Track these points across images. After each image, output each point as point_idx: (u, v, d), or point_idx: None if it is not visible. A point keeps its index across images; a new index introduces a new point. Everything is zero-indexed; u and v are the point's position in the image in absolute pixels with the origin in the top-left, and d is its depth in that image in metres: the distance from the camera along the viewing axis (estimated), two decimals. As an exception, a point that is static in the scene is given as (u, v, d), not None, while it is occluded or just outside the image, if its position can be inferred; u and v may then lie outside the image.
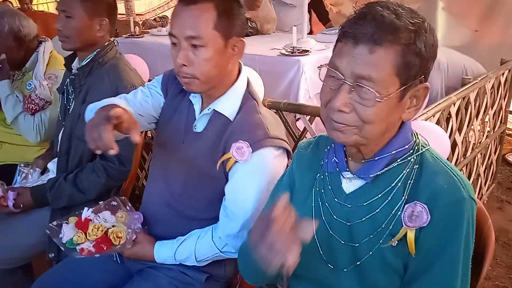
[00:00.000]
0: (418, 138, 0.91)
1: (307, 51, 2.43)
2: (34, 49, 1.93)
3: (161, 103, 1.33)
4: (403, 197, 0.86)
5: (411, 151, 0.88)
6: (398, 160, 0.88)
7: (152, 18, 5.36)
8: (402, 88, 0.81)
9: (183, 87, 1.19)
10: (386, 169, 0.88)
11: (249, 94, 1.24)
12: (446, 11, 3.76)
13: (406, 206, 0.84)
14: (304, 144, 1.08)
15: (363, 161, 0.90)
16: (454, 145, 2.10)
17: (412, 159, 0.87)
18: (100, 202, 1.27)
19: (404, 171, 0.87)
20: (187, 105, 1.28)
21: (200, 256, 1.23)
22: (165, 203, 1.29)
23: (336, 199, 0.94)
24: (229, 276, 1.34)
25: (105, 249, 1.20)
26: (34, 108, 1.86)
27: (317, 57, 2.40)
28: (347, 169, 0.92)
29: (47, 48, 1.95)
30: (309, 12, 3.55)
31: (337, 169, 0.94)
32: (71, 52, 1.64)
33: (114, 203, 1.27)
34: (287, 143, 1.22)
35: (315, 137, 1.08)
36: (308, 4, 2.92)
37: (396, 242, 0.85)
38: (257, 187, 1.17)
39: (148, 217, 1.33)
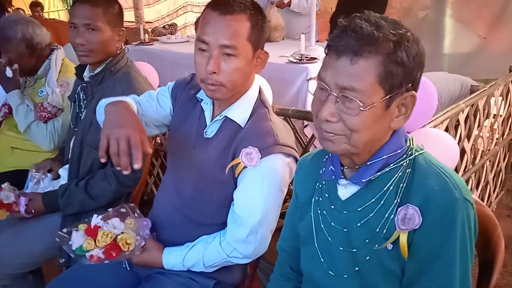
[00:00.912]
0: (412, 143, 0.92)
1: (315, 58, 2.44)
2: (46, 57, 1.96)
3: (167, 109, 1.35)
4: (396, 201, 0.87)
5: (404, 156, 0.90)
6: (391, 165, 0.89)
7: (161, 26, 5.43)
8: (387, 97, 0.83)
9: (206, 94, 1.20)
10: (379, 173, 0.89)
11: (261, 102, 1.26)
12: (454, 18, 3.76)
13: (399, 209, 0.86)
14: (303, 158, 1.11)
15: (357, 167, 0.92)
16: (462, 153, 2.09)
17: (404, 163, 0.89)
18: (109, 209, 1.28)
19: (396, 175, 0.88)
20: (198, 112, 1.30)
21: (208, 262, 1.24)
22: (175, 208, 1.31)
23: (333, 206, 0.96)
24: (236, 282, 1.35)
25: (114, 255, 1.21)
26: (47, 116, 1.89)
27: (324, 64, 2.41)
28: (343, 176, 0.94)
29: (59, 55, 1.98)
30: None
31: (333, 177, 0.96)
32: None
33: (123, 210, 1.28)
34: (296, 151, 1.23)
35: (314, 150, 1.10)
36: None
37: (391, 245, 0.86)
38: (265, 193, 1.18)
39: (158, 222, 1.34)
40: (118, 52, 1.61)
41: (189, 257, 1.24)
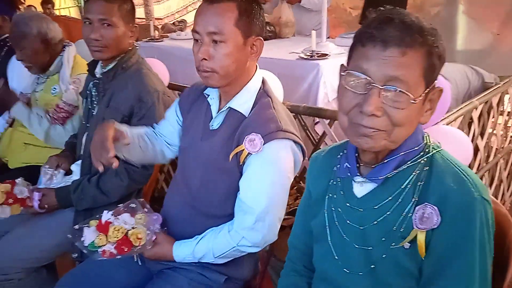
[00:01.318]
0: (429, 140, 0.91)
1: (326, 55, 2.43)
2: (58, 53, 1.97)
3: (175, 123, 1.41)
4: (413, 199, 0.86)
5: (422, 153, 0.88)
6: (408, 162, 0.88)
7: (171, 22, 5.42)
8: (426, 91, 0.82)
9: (203, 82, 1.26)
10: (396, 171, 0.88)
11: (264, 92, 1.27)
12: (467, 15, 3.71)
13: (417, 208, 0.84)
14: (316, 155, 1.10)
15: (373, 166, 0.90)
16: (476, 150, 2.07)
17: (422, 161, 0.88)
18: (120, 205, 1.29)
19: (414, 173, 0.87)
20: (205, 107, 1.32)
21: (217, 251, 1.23)
22: (184, 202, 1.32)
23: (348, 204, 0.95)
24: (247, 278, 1.35)
25: (126, 250, 1.22)
26: (65, 115, 1.91)
27: (336, 61, 2.40)
28: (359, 173, 0.93)
29: (71, 52, 1.99)
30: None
31: (349, 174, 0.94)
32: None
33: (133, 205, 1.29)
34: (299, 138, 1.24)
35: (327, 147, 1.09)
36: None
37: (408, 244, 0.85)
38: (270, 179, 1.19)
39: (169, 217, 1.35)
40: (130, 48, 1.62)
41: (199, 248, 1.25)
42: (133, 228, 1.24)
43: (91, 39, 1.51)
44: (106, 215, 1.25)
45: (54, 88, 1.98)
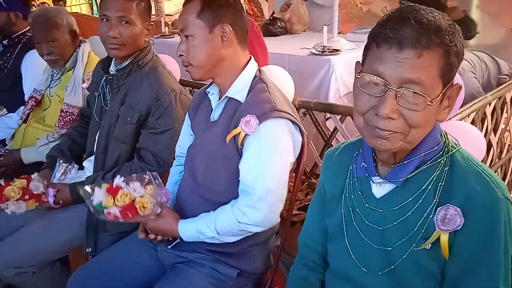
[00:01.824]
0: (448, 138, 0.90)
1: (338, 50, 2.42)
2: (74, 50, 1.99)
3: (188, 132, 1.45)
4: (435, 200, 0.85)
5: (441, 153, 0.87)
6: (428, 163, 0.87)
7: (180, 19, 5.45)
8: (444, 90, 0.81)
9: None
10: (416, 172, 0.87)
11: (259, 79, 1.29)
12: (481, 9, 3.66)
13: (439, 209, 0.83)
14: (330, 153, 1.09)
15: (392, 166, 0.89)
16: (488, 146, 2.05)
17: (442, 161, 0.86)
18: (133, 174, 1.31)
19: (435, 173, 0.86)
20: (207, 104, 1.37)
21: (219, 225, 1.24)
22: (191, 191, 1.35)
23: (367, 204, 0.94)
24: (259, 272, 1.36)
25: (130, 216, 1.24)
26: (71, 118, 1.93)
27: (347, 56, 2.39)
28: (377, 173, 0.92)
29: (86, 49, 2.01)
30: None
31: (366, 174, 0.94)
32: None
33: (145, 177, 1.31)
34: (297, 118, 1.26)
35: (341, 144, 1.08)
36: None
37: (430, 245, 0.85)
38: (267, 158, 1.21)
39: (178, 206, 1.38)
40: (145, 46, 1.62)
41: (202, 222, 1.26)
42: (141, 196, 1.26)
43: (109, 36, 1.51)
44: (118, 180, 1.28)
45: (67, 86, 1.99)
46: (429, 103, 0.78)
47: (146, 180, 1.30)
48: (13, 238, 1.56)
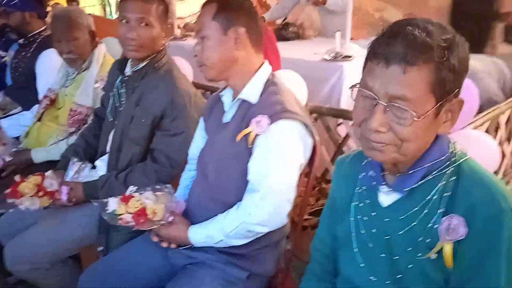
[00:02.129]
0: (455, 148, 0.89)
1: (350, 56, 2.42)
2: (92, 50, 2.01)
3: (201, 137, 1.47)
4: (440, 210, 0.85)
5: (448, 163, 0.87)
6: (434, 172, 0.87)
7: (193, 22, 5.46)
8: (438, 105, 0.80)
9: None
10: (422, 181, 0.87)
11: (272, 82, 1.31)
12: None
13: (443, 219, 0.83)
14: (341, 160, 1.10)
15: (398, 174, 0.90)
16: (502, 156, 2.03)
17: (448, 171, 0.86)
18: (148, 187, 1.37)
19: (440, 184, 0.86)
20: (220, 107, 1.38)
21: (227, 228, 1.25)
22: (203, 192, 1.36)
23: (374, 213, 0.95)
24: (269, 274, 1.36)
25: (141, 221, 1.29)
26: (80, 117, 1.95)
27: (360, 62, 2.38)
28: (384, 182, 0.93)
29: (102, 50, 2.03)
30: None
31: (374, 183, 0.94)
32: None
33: (158, 186, 1.37)
34: (308, 120, 1.27)
35: (352, 152, 1.09)
36: None
37: (435, 255, 0.85)
38: (276, 158, 1.22)
39: (190, 209, 1.39)
40: (162, 48, 1.63)
41: (211, 228, 1.28)
42: (152, 203, 1.30)
43: (128, 38, 1.52)
44: (131, 188, 1.34)
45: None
46: (416, 119, 0.79)
47: (158, 188, 1.35)
48: (26, 234, 1.58)
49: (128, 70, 1.66)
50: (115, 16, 7.13)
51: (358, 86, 0.85)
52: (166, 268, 1.39)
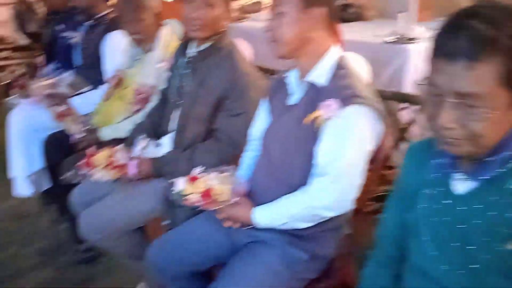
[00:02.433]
0: None
1: (414, 38, 2.33)
2: (157, 31, 2.06)
3: (263, 119, 1.47)
4: None
5: None
6: None
7: (247, 3, 5.44)
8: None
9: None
10: (502, 169, 0.83)
11: (342, 64, 1.28)
12: None
13: None
14: (413, 146, 1.07)
15: (474, 161, 0.86)
16: None
17: None
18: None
19: None
20: (284, 88, 1.37)
21: (293, 210, 1.26)
22: (267, 174, 1.37)
23: (447, 201, 0.91)
24: (330, 257, 1.37)
25: (207, 202, 1.33)
26: (146, 96, 2.01)
27: (425, 45, 2.29)
28: (459, 170, 0.89)
29: (167, 31, 2.08)
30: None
31: (448, 169, 0.91)
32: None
33: (224, 168, 1.40)
34: (378, 106, 1.24)
35: (426, 138, 1.05)
36: None
37: None
38: (345, 143, 1.20)
39: (254, 189, 1.41)
40: (224, 29, 1.65)
41: (276, 209, 1.29)
42: (218, 184, 1.34)
43: (192, 17, 1.56)
44: (197, 169, 1.38)
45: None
46: (487, 114, 0.75)
47: (224, 169, 1.38)
48: (100, 205, 1.68)
49: (191, 51, 1.70)
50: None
51: (426, 81, 0.82)
52: (228, 245, 1.43)
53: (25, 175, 2.44)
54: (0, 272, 2.20)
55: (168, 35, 2.10)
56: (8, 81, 2.71)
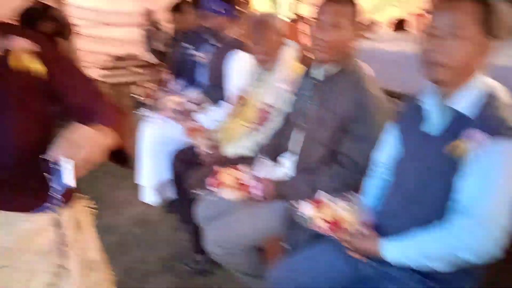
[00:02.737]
0: None
1: None
2: (278, 51, 2.10)
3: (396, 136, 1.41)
4: None
5: None
6: None
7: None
8: None
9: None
10: None
11: (491, 91, 1.18)
12: None
13: None
14: None
15: None
16: None
17: None
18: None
19: None
20: (417, 114, 1.31)
21: (430, 250, 1.18)
22: (399, 205, 1.31)
23: None
24: None
25: (334, 232, 1.31)
26: (267, 115, 2.06)
27: None
28: None
29: (292, 51, 2.11)
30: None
31: None
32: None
33: (346, 195, 1.38)
34: None
35: None
36: None
37: None
38: (495, 179, 1.10)
39: (382, 220, 1.35)
40: (351, 52, 1.64)
41: (409, 245, 1.22)
42: (347, 215, 1.32)
43: (318, 38, 1.57)
44: (323, 194, 1.38)
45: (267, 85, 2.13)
46: None
47: (348, 198, 1.36)
48: (226, 221, 1.75)
49: (317, 73, 1.69)
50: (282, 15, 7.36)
51: None
52: (351, 274, 1.39)
53: (152, 184, 2.65)
54: (129, 275, 2.35)
55: (289, 56, 2.14)
56: (139, 95, 2.97)
